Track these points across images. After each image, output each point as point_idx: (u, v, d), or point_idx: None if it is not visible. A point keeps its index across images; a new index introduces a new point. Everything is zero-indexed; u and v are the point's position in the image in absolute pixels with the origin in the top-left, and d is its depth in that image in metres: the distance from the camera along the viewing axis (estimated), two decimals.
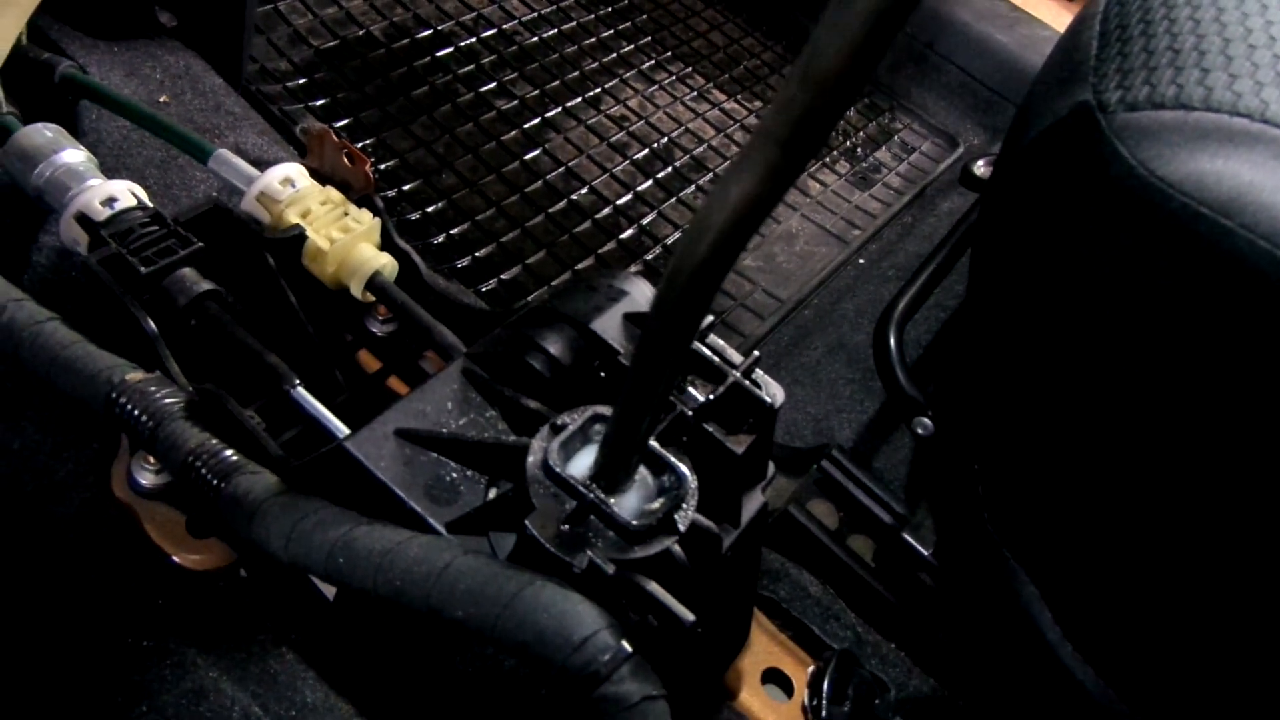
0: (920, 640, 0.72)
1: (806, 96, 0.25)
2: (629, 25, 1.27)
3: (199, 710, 0.52)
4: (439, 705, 0.53)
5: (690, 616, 0.43)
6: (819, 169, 1.17)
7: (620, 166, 1.07)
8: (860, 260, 1.07)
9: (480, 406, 0.52)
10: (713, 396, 0.51)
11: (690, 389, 0.52)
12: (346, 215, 0.67)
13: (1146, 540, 0.56)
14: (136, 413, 0.50)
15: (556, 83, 1.14)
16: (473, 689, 0.49)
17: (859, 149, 1.22)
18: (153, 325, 0.57)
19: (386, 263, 0.67)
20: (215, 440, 0.50)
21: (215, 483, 0.49)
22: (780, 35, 1.36)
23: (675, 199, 1.06)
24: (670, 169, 1.09)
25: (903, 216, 1.14)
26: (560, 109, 1.11)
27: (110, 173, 0.66)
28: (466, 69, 1.10)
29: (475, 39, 1.14)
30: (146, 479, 0.58)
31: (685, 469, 0.45)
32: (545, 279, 0.92)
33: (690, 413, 0.50)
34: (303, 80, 1.01)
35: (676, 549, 0.45)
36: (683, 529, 0.44)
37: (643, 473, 0.45)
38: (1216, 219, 0.47)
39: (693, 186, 1.08)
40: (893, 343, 0.82)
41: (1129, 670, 0.61)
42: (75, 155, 0.65)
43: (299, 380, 0.58)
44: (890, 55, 1.28)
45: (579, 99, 1.13)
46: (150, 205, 0.63)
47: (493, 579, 0.40)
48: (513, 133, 1.06)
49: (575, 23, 1.23)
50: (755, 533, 0.55)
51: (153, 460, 0.58)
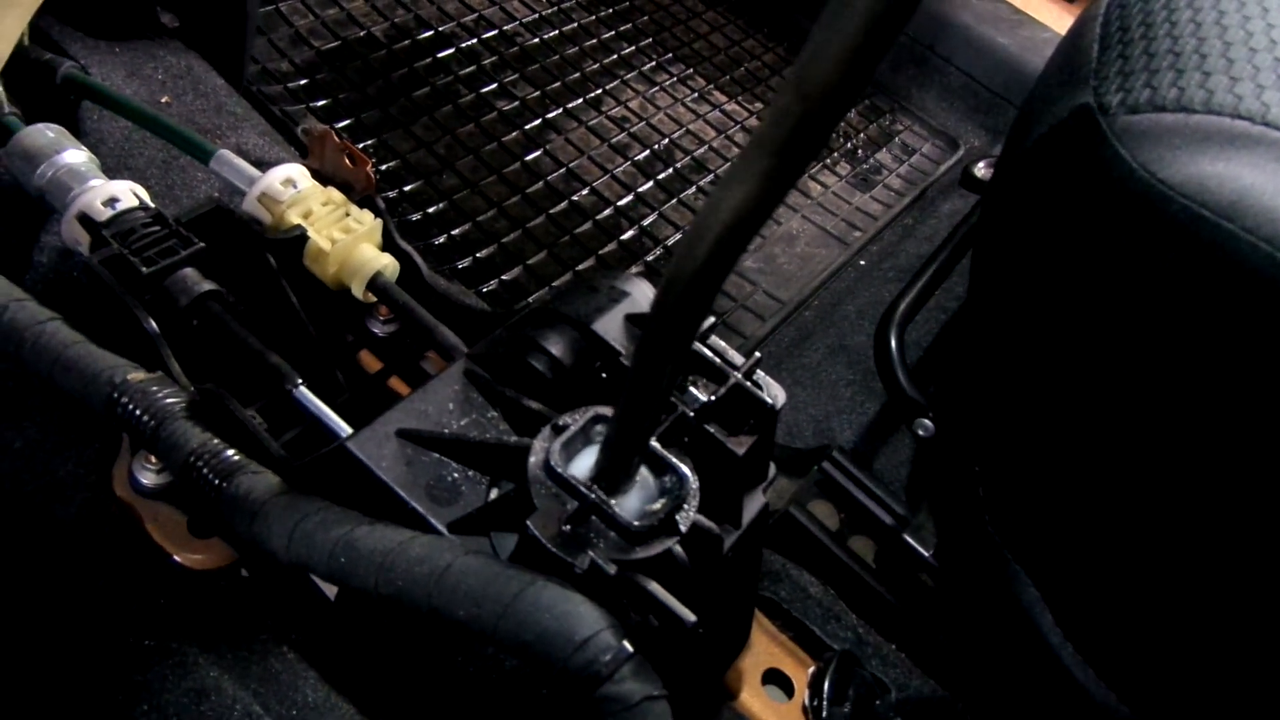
0: (921, 641, 0.73)
1: (800, 107, 0.25)
2: (630, 27, 1.27)
3: (200, 709, 0.52)
4: (440, 705, 0.53)
5: (691, 617, 0.43)
6: (820, 170, 1.17)
7: (621, 168, 1.07)
8: (861, 262, 1.07)
9: (482, 407, 0.52)
10: (714, 398, 0.51)
11: (692, 390, 0.52)
12: (348, 216, 0.67)
13: (1148, 542, 0.56)
14: (138, 412, 0.50)
15: (557, 84, 1.14)
16: (474, 689, 0.49)
17: (860, 150, 1.22)
18: (154, 325, 0.58)
19: (388, 263, 0.67)
20: (217, 440, 0.50)
21: (217, 482, 0.49)
22: (781, 37, 1.36)
23: (676, 200, 1.06)
24: (671, 170, 1.09)
25: (903, 218, 1.14)
26: (561, 110, 1.11)
27: (112, 173, 0.66)
28: (467, 70, 1.11)
29: (476, 40, 1.15)
30: (148, 479, 0.58)
31: (687, 470, 0.45)
32: (546, 280, 0.93)
33: (692, 414, 0.50)
34: (304, 81, 1.01)
35: (678, 550, 0.45)
36: (684, 530, 0.44)
37: (644, 473, 0.45)
38: (1218, 222, 0.47)
39: (693, 188, 1.08)
40: (894, 344, 0.82)
41: (1130, 672, 0.61)
42: (77, 156, 0.65)
43: (301, 380, 0.58)
44: (891, 57, 1.28)
45: (580, 100, 1.13)
46: (152, 206, 0.63)
47: (494, 579, 0.41)
48: (514, 134, 1.06)
49: (576, 24, 1.24)
50: (756, 534, 0.55)
51: (154, 460, 0.58)
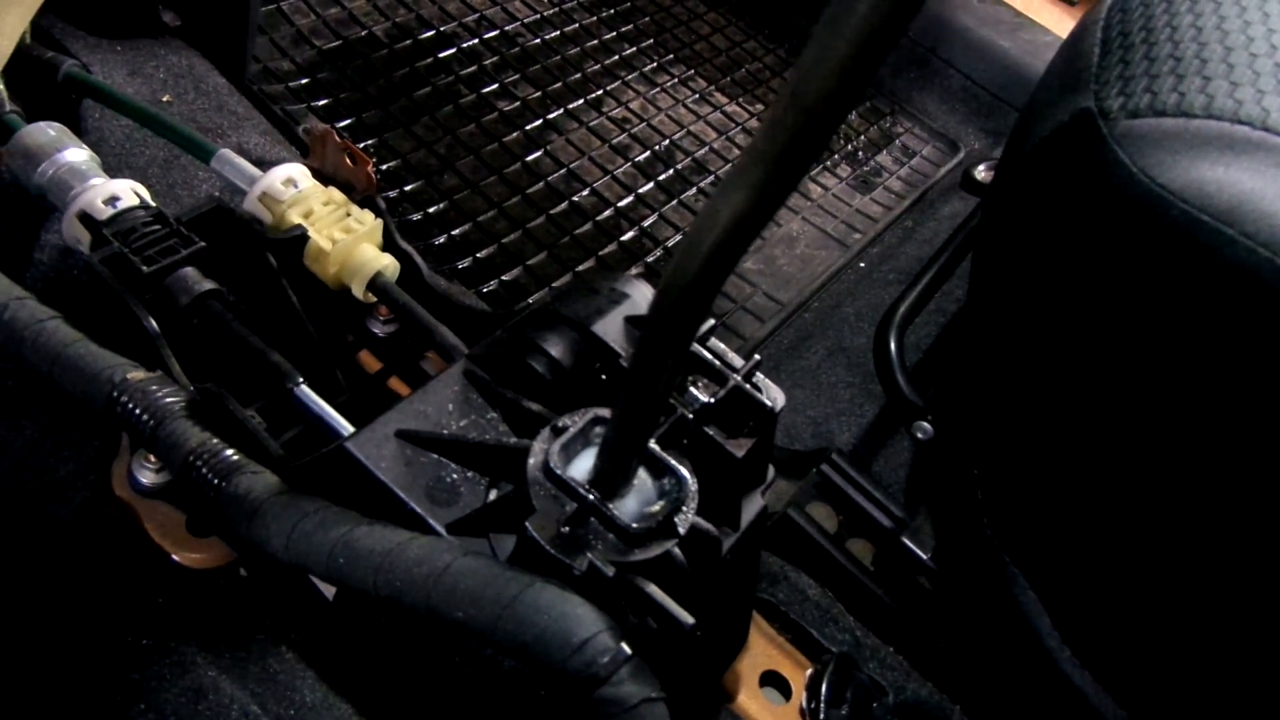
0: (919, 644, 0.73)
1: (795, 118, 0.25)
2: (631, 28, 1.27)
3: (198, 709, 0.52)
4: (438, 706, 0.53)
5: (690, 619, 0.43)
6: (820, 172, 1.17)
7: (621, 168, 1.07)
8: (861, 264, 1.07)
9: (481, 408, 0.52)
10: (713, 400, 0.51)
11: (691, 391, 0.52)
12: (349, 216, 0.68)
13: (1146, 546, 0.56)
14: (138, 411, 0.50)
15: (558, 84, 1.14)
16: (472, 689, 0.49)
17: (860, 153, 1.22)
18: (154, 324, 0.58)
19: (388, 264, 0.67)
20: (216, 440, 0.50)
21: (216, 482, 0.49)
22: (782, 39, 1.36)
23: (676, 201, 1.06)
24: (671, 171, 1.09)
25: (903, 220, 1.14)
26: (562, 110, 1.11)
27: (113, 172, 0.66)
28: (468, 70, 1.11)
29: (477, 40, 1.15)
30: (147, 478, 0.58)
31: (685, 472, 0.45)
32: (546, 280, 0.93)
33: (691, 416, 0.50)
34: (305, 80, 1.01)
35: (676, 552, 0.45)
36: (682, 532, 0.44)
37: (643, 475, 0.46)
38: (1217, 227, 0.47)
39: (694, 189, 1.08)
40: (893, 346, 0.82)
41: (1127, 676, 0.61)
42: (78, 154, 0.65)
43: (301, 379, 0.59)
44: (892, 59, 1.28)
45: (581, 101, 1.13)
46: (153, 204, 0.63)
47: (493, 580, 0.41)
48: (514, 134, 1.06)
49: (577, 25, 1.24)
50: (755, 536, 0.55)
51: (153, 459, 0.58)
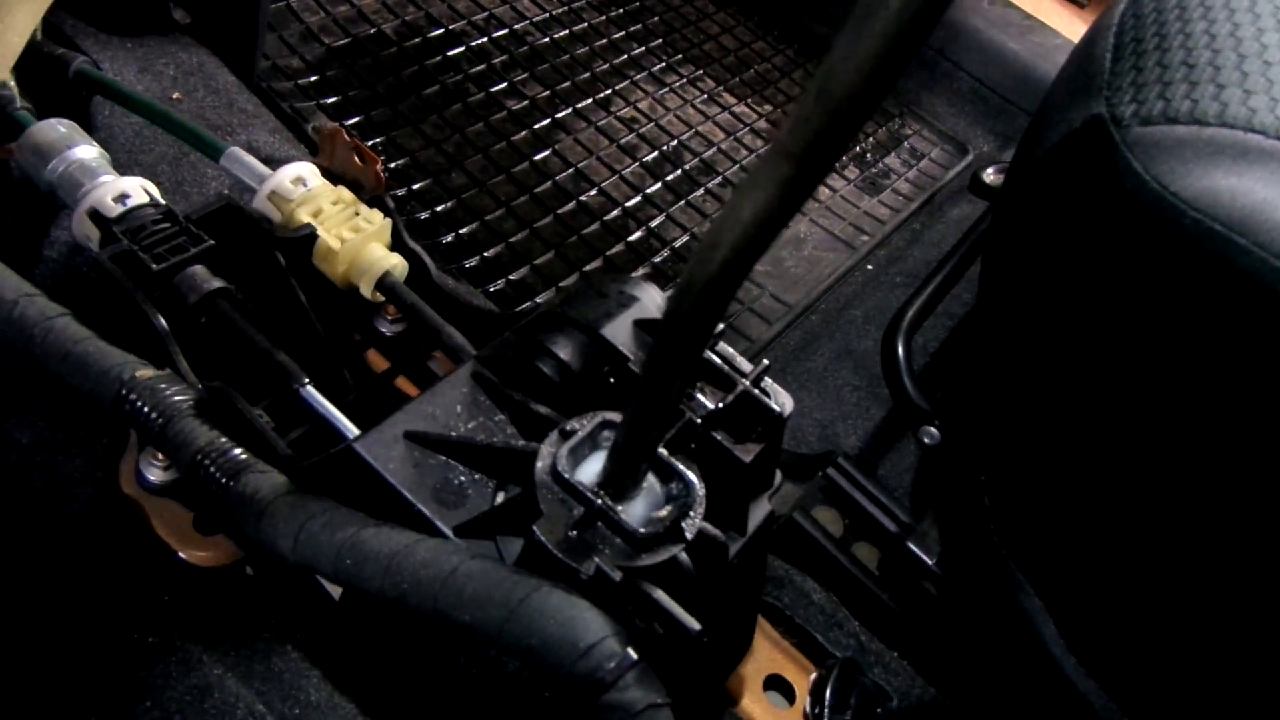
0: (923, 650, 0.72)
1: (821, 114, 0.25)
2: (640, 28, 1.27)
3: (203, 707, 0.52)
4: (442, 707, 0.53)
5: (696, 625, 0.43)
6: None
7: (629, 169, 1.07)
8: (868, 266, 1.07)
9: (489, 410, 0.52)
10: (722, 405, 0.51)
11: (699, 396, 0.52)
12: (357, 215, 0.67)
13: (1153, 554, 0.56)
14: (146, 409, 0.50)
15: (567, 84, 1.14)
16: (477, 691, 0.49)
17: (868, 154, 1.22)
18: (163, 322, 0.58)
19: (397, 263, 0.67)
20: (224, 438, 0.50)
21: (224, 480, 0.49)
22: (791, 39, 1.36)
23: (684, 202, 1.06)
24: (679, 172, 1.09)
25: (912, 223, 1.14)
26: (570, 110, 1.11)
27: (123, 169, 0.66)
28: (477, 68, 1.11)
29: (487, 39, 1.14)
30: (155, 475, 0.58)
31: (693, 477, 0.45)
32: (553, 280, 0.93)
33: (699, 420, 0.50)
34: (314, 77, 1.01)
35: (683, 557, 0.45)
36: (690, 537, 0.44)
37: (651, 480, 0.45)
38: (1229, 236, 0.46)
39: (701, 190, 1.08)
40: (900, 350, 0.82)
41: (1132, 684, 0.61)
42: (88, 151, 0.65)
43: (308, 379, 0.59)
44: None
45: (589, 100, 1.13)
46: (162, 202, 0.63)
47: (499, 584, 0.41)
48: (522, 133, 1.06)
49: (586, 24, 1.23)
50: (761, 541, 0.55)
51: (161, 457, 0.58)
